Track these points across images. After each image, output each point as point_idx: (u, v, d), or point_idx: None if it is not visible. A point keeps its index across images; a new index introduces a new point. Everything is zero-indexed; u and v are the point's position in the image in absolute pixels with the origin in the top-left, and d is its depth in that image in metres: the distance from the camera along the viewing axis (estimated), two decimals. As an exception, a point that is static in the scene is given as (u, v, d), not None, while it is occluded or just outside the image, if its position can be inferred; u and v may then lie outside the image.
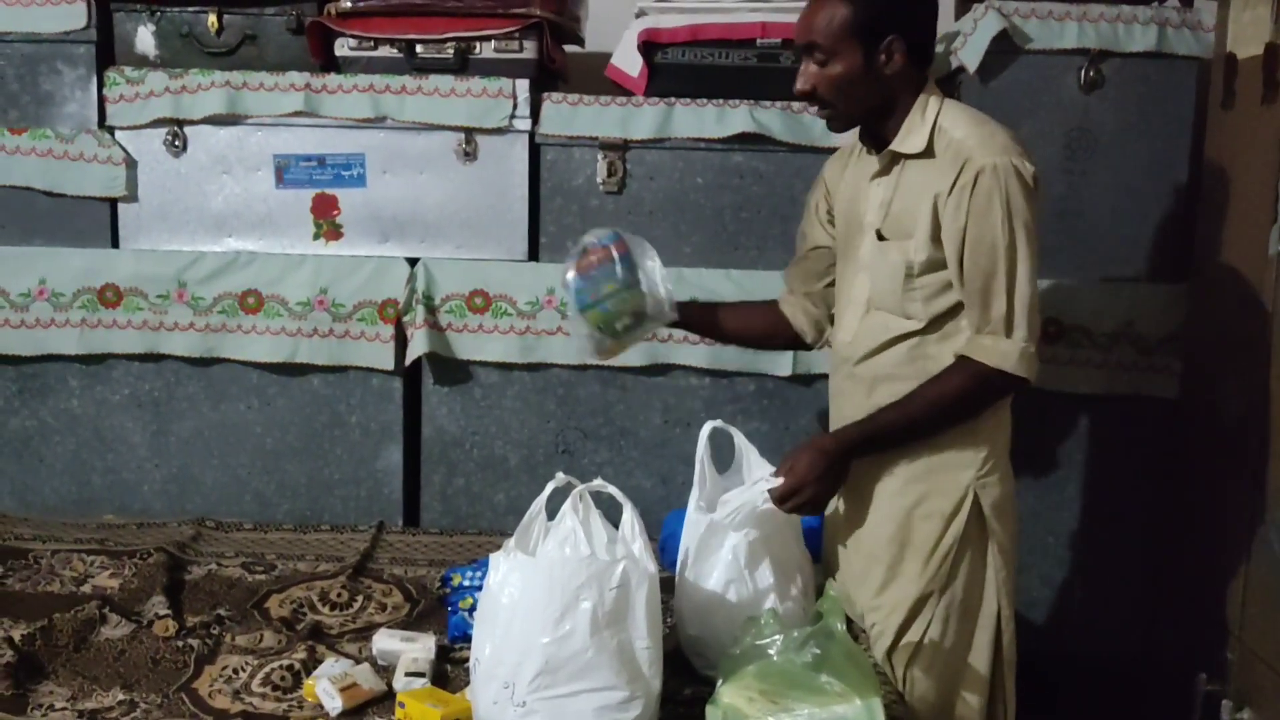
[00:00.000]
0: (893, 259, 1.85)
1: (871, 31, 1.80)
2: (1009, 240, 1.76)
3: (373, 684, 1.69)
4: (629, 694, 1.49)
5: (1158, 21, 2.39)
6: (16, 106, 2.53)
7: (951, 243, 1.79)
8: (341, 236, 2.54)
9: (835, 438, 1.85)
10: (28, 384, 2.58)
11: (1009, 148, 1.79)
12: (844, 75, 1.82)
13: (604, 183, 2.50)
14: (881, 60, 1.82)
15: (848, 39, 1.80)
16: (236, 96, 2.47)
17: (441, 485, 2.58)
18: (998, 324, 1.78)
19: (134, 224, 2.55)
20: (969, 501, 1.86)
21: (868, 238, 1.91)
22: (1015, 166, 1.76)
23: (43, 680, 1.74)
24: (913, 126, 1.85)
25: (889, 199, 1.88)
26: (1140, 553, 2.51)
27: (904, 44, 1.82)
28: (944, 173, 1.80)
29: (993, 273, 1.77)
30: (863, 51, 1.81)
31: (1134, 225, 2.47)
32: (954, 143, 1.80)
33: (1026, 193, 1.77)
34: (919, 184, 1.84)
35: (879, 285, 1.89)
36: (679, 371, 2.53)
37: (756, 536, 1.78)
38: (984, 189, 1.75)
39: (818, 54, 1.83)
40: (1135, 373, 2.47)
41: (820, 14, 1.82)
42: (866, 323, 1.91)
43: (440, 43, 2.49)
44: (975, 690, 1.90)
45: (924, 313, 1.85)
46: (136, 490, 2.60)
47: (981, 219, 1.76)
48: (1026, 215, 1.77)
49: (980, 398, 1.84)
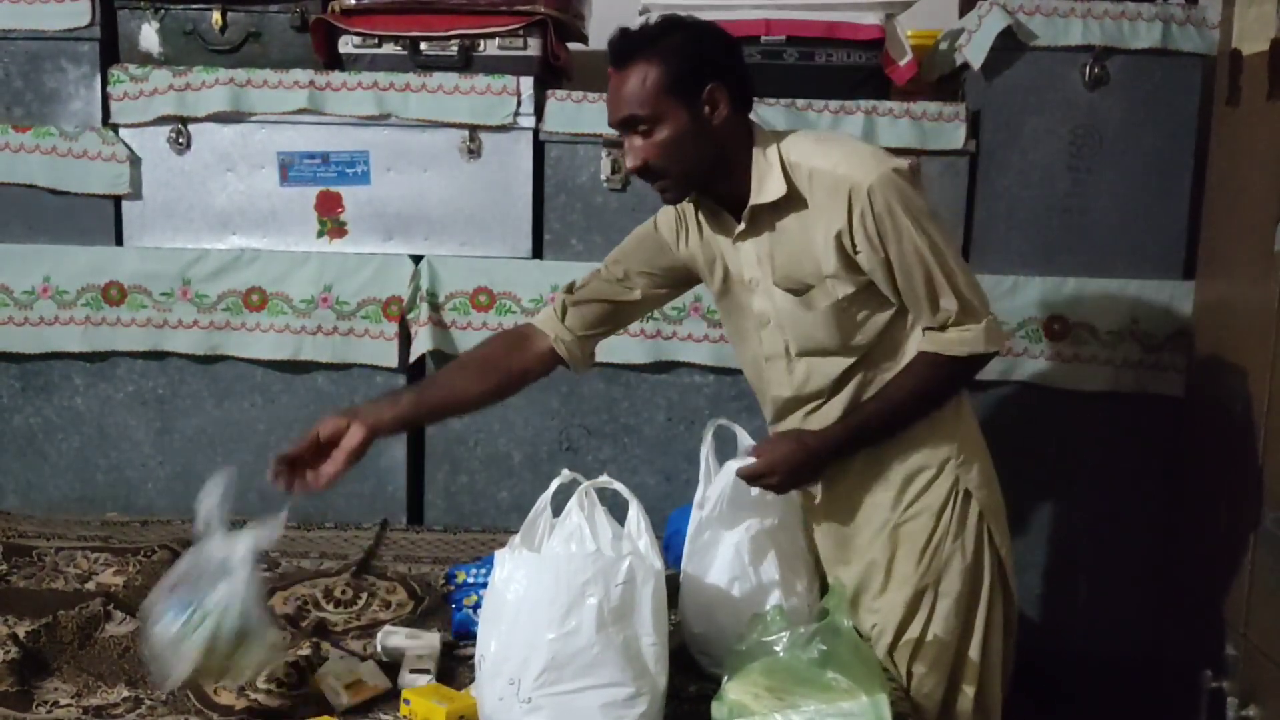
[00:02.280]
0: (820, 305, 1.79)
1: (689, 85, 1.71)
2: (928, 241, 1.73)
3: (378, 681, 1.69)
4: (634, 690, 1.49)
5: (1162, 18, 2.39)
6: (21, 104, 2.53)
7: (877, 269, 1.75)
8: (346, 234, 2.54)
9: (820, 437, 1.82)
10: (32, 381, 2.58)
11: (874, 155, 1.77)
12: (672, 138, 1.71)
13: (608, 180, 2.50)
14: (707, 112, 1.72)
15: (666, 99, 1.70)
16: (240, 94, 2.47)
17: (445, 482, 2.58)
18: (958, 317, 1.77)
19: (138, 221, 2.55)
20: (956, 490, 1.86)
21: (759, 294, 1.84)
22: (892, 172, 1.73)
23: (47, 677, 1.74)
24: (762, 175, 1.77)
25: (768, 252, 1.81)
26: (1145, 550, 2.50)
27: (724, 90, 1.73)
28: (830, 209, 1.74)
29: (929, 276, 1.74)
30: (685, 108, 1.71)
31: (1139, 222, 2.47)
32: (818, 174, 1.75)
33: (913, 189, 1.75)
34: (798, 230, 1.77)
35: (807, 332, 1.82)
36: (683, 369, 2.53)
37: (760, 531, 1.78)
38: (881, 207, 1.71)
39: (641, 126, 1.72)
40: (1140, 370, 2.47)
41: (629, 83, 1.71)
42: (798, 371, 1.87)
43: (444, 40, 2.49)
44: (974, 682, 1.90)
45: (864, 338, 1.82)
46: (140, 488, 2.60)
47: (895, 237, 1.72)
48: (924, 209, 1.75)
49: (959, 382, 1.85)
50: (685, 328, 2.49)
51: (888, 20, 2.44)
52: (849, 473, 1.90)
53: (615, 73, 1.74)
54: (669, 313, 2.47)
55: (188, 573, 1.55)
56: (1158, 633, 2.48)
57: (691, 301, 2.47)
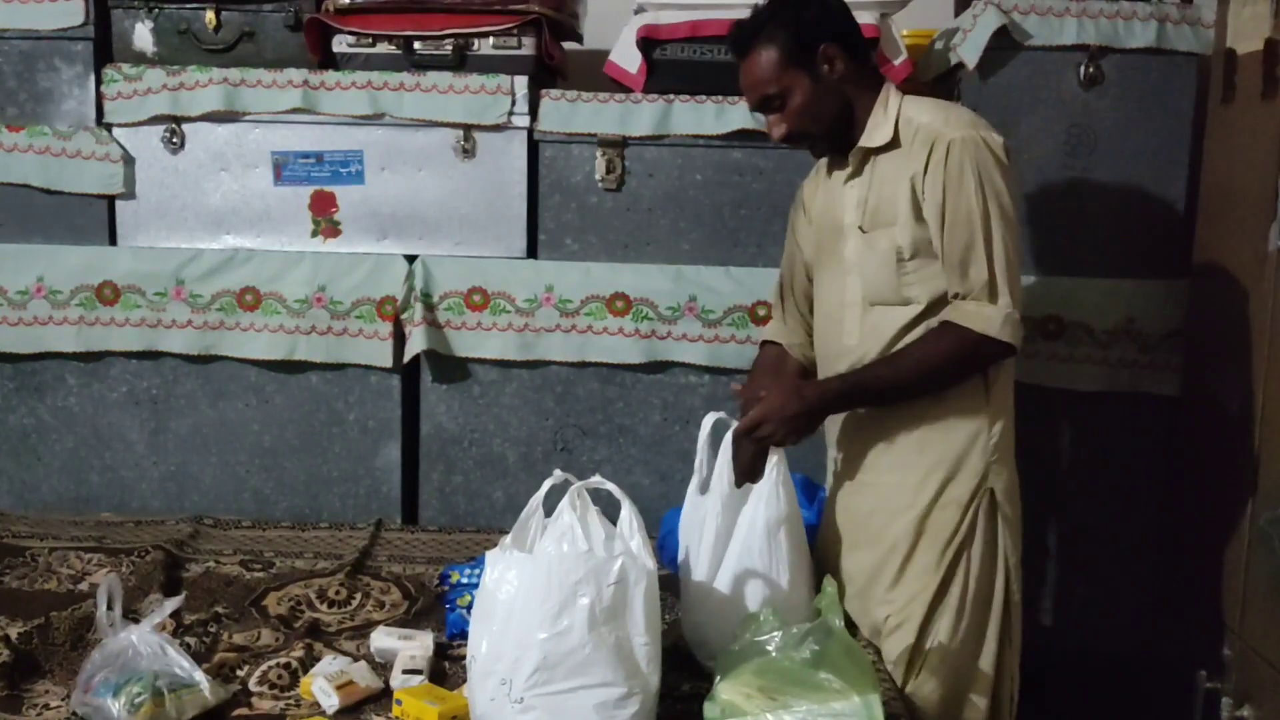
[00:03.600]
0: (882, 248, 1.88)
1: (803, 52, 1.87)
2: (983, 209, 1.81)
3: (369, 681, 1.69)
4: (627, 690, 1.48)
5: (1157, 17, 2.39)
6: (14, 103, 2.53)
7: (933, 218, 1.83)
8: (340, 234, 2.54)
9: (817, 388, 1.91)
10: (25, 381, 2.57)
11: (976, 122, 1.86)
12: (803, 103, 1.88)
13: (603, 179, 2.49)
14: (826, 71, 1.88)
15: (787, 71, 1.87)
16: (234, 93, 2.47)
17: (440, 483, 2.58)
18: (980, 291, 1.81)
19: (132, 221, 2.55)
20: (985, 488, 1.88)
21: (850, 238, 1.93)
22: (983, 139, 1.83)
23: (39, 679, 1.73)
24: (877, 122, 1.90)
25: (865, 196, 1.91)
26: (1140, 550, 2.50)
27: (837, 46, 1.88)
28: (916, 156, 1.85)
29: (971, 242, 1.81)
30: (806, 74, 1.88)
31: (1134, 221, 2.47)
32: (921, 128, 1.86)
33: (997, 163, 1.83)
34: (892, 173, 1.88)
35: (872, 279, 1.90)
36: (678, 369, 2.52)
37: (769, 520, 1.77)
38: (955, 161, 1.81)
39: (775, 102, 1.90)
40: (1136, 369, 2.47)
41: (754, 69, 1.89)
42: (868, 321, 1.92)
43: (439, 39, 2.49)
44: (983, 687, 1.90)
45: (924, 295, 1.87)
46: (134, 488, 2.59)
47: (956, 190, 1.81)
48: (999, 184, 1.82)
49: (967, 363, 1.86)
50: (680, 328, 2.48)
51: (882, 19, 2.44)
52: (872, 449, 1.91)
53: (741, 63, 1.92)
54: (664, 312, 2.47)
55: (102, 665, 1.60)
56: (1152, 633, 2.47)
57: (686, 302, 2.47)
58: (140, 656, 1.60)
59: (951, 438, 1.88)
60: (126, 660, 1.60)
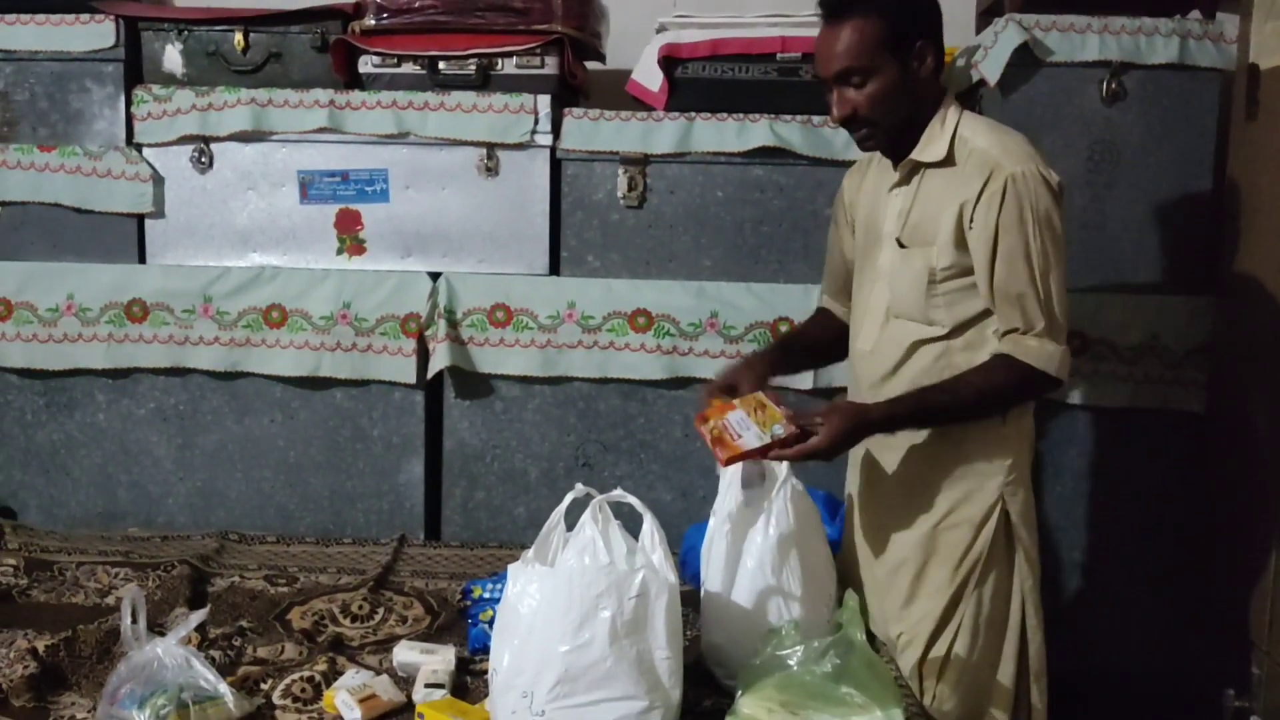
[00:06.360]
0: (915, 265, 1.86)
1: (903, 40, 1.81)
2: (1041, 247, 1.78)
3: (392, 695, 1.69)
4: (648, 704, 1.48)
5: (1179, 33, 2.38)
6: (46, 124, 2.57)
7: (981, 250, 1.80)
8: (364, 251, 2.56)
9: (882, 411, 1.81)
10: (55, 398, 2.61)
11: (1033, 156, 1.81)
12: (882, 90, 1.82)
13: (624, 197, 2.51)
14: (915, 67, 1.83)
15: (881, 52, 1.80)
16: (262, 113, 2.50)
17: (462, 498, 2.59)
18: (1040, 329, 1.79)
19: (160, 239, 2.58)
20: (998, 509, 1.86)
21: (887, 247, 1.91)
22: (1042, 174, 1.79)
23: (65, 691, 1.75)
24: (933, 136, 1.86)
25: (908, 208, 1.88)
26: (1167, 567, 2.48)
27: (932, 47, 1.83)
28: (968, 181, 1.81)
29: (1029, 280, 1.78)
30: (898, 62, 1.81)
31: (1157, 237, 2.46)
32: (976, 151, 1.82)
33: (1054, 200, 1.79)
34: (939, 192, 1.84)
35: (900, 292, 1.89)
36: (700, 385, 2.52)
37: (780, 538, 1.77)
38: (1012, 198, 1.77)
39: (854, 78, 1.81)
40: (1161, 386, 2.46)
41: (845, 37, 1.80)
42: (887, 331, 1.91)
43: (463, 59, 2.52)
44: (1001, 705, 1.88)
45: (948, 319, 1.85)
46: (161, 503, 2.62)
47: (1013, 228, 1.77)
48: (1055, 222, 1.79)
49: (1020, 395, 1.86)
50: (701, 344, 2.49)
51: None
52: (887, 464, 1.90)
53: (829, 26, 1.82)
54: (685, 329, 2.48)
55: (127, 677, 1.61)
56: (1180, 651, 2.45)
57: (707, 318, 2.48)
58: (165, 669, 1.62)
59: (966, 457, 1.86)
60: (152, 673, 1.61)
